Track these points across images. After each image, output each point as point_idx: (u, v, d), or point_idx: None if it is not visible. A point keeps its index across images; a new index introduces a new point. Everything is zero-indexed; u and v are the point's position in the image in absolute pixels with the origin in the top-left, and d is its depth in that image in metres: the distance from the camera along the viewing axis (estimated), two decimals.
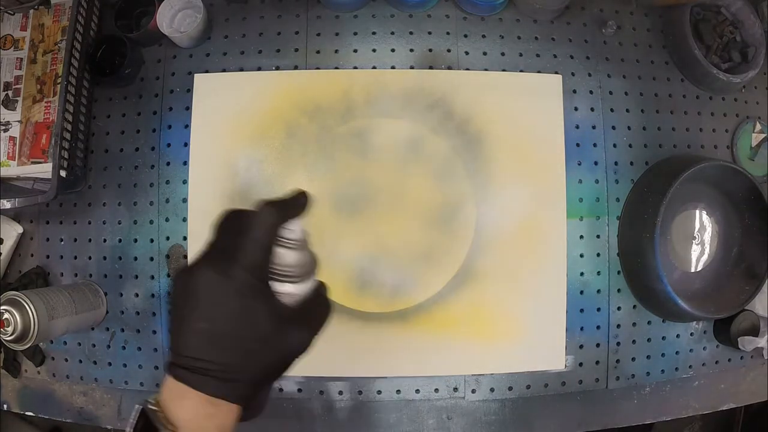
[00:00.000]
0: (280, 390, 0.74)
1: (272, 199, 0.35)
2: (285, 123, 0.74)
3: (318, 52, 0.77)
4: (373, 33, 0.77)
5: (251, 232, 0.33)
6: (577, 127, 0.76)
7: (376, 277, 0.67)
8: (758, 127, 0.81)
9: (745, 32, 0.80)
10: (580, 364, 0.74)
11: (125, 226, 0.77)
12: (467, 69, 0.76)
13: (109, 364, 0.76)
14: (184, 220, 0.75)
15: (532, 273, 0.73)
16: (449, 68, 0.76)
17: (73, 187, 0.77)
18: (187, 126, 0.76)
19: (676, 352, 0.77)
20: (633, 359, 0.76)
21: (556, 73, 0.77)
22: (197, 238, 0.75)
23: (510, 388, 0.74)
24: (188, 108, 0.77)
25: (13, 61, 0.78)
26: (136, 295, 0.76)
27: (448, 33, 0.77)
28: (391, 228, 0.67)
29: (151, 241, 0.76)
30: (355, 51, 0.77)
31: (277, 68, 0.77)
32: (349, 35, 0.77)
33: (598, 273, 0.75)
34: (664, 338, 0.77)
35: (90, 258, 0.77)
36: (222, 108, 0.76)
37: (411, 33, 0.77)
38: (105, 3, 0.80)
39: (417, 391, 0.74)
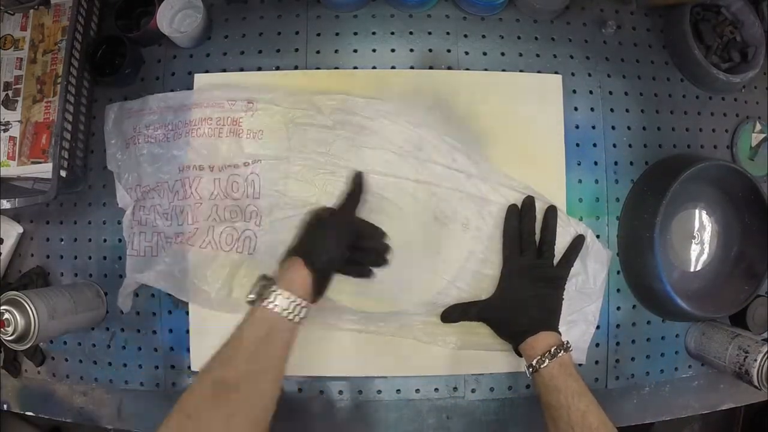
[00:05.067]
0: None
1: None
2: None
3: (318, 52, 0.77)
4: (373, 33, 0.77)
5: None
6: (577, 127, 0.76)
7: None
8: (758, 127, 0.81)
9: (745, 32, 0.80)
10: (580, 364, 0.74)
11: None
12: (467, 69, 0.76)
13: (109, 364, 0.76)
14: None
15: None
16: (449, 68, 0.76)
17: (73, 187, 0.77)
18: None
19: (676, 352, 0.77)
20: (632, 359, 0.76)
21: (556, 73, 0.77)
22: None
23: (510, 388, 0.74)
24: None
25: (13, 61, 0.78)
26: (137, 295, 0.76)
27: (448, 33, 0.77)
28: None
29: None
30: (355, 51, 0.77)
31: (277, 68, 0.77)
32: (349, 35, 0.77)
33: None
34: (663, 338, 0.77)
35: (90, 258, 0.77)
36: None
37: (411, 33, 0.77)
38: (105, 3, 0.80)
39: (417, 390, 0.74)
